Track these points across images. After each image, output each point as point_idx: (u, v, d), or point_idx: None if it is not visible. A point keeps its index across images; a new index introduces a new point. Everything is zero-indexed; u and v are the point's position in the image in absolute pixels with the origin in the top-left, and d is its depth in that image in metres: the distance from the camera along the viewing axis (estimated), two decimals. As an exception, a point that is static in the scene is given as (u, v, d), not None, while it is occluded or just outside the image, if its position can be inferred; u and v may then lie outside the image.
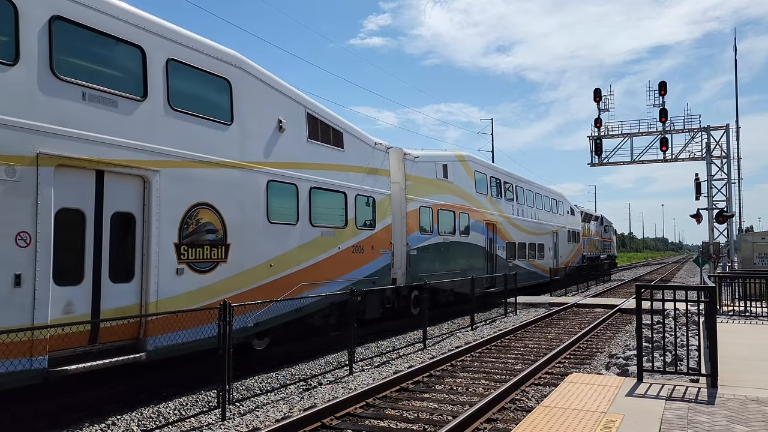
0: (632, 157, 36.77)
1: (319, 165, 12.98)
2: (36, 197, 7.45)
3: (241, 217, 10.68)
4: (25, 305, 7.28)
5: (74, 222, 8.05)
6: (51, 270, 7.58)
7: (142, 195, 8.96)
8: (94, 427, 7.78)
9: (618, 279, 45.29)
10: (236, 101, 10.72)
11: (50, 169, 7.61)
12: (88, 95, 8.18)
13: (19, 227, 7.30)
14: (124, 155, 8.59)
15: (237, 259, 10.57)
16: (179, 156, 9.51)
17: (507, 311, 21.13)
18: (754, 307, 15.67)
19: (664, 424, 6.01)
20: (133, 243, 8.85)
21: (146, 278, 8.92)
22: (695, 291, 8.68)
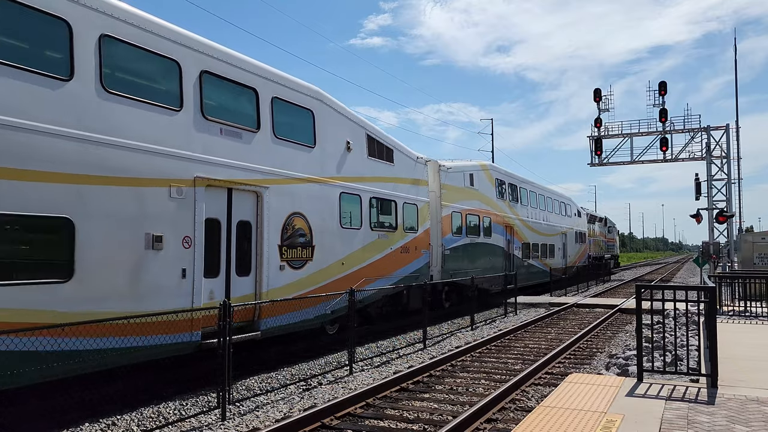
0: (632, 157, 36.76)
1: (376, 178, 15.28)
2: (194, 210, 9.82)
3: (322, 223, 12.98)
4: (188, 293, 9.62)
5: (214, 228, 10.31)
6: (202, 266, 9.88)
7: (256, 207, 11.29)
8: (94, 427, 7.78)
9: (618, 279, 45.29)
10: (317, 128, 13.06)
11: (202, 189, 9.97)
12: (224, 130, 10.53)
13: (185, 233, 9.63)
14: (245, 176, 10.88)
15: (319, 258, 12.92)
16: (281, 175, 11.85)
17: (507, 311, 21.13)
18: (754, 307, 15.67)
19: (664, 424, 6.01)
20: (250, 245, 11.10)
21: (259, 273, 11.20)
22: (695, 291, 8.69)
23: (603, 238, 50.13)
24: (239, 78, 10.94)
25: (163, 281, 9.22)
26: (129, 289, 8.71)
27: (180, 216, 9.54)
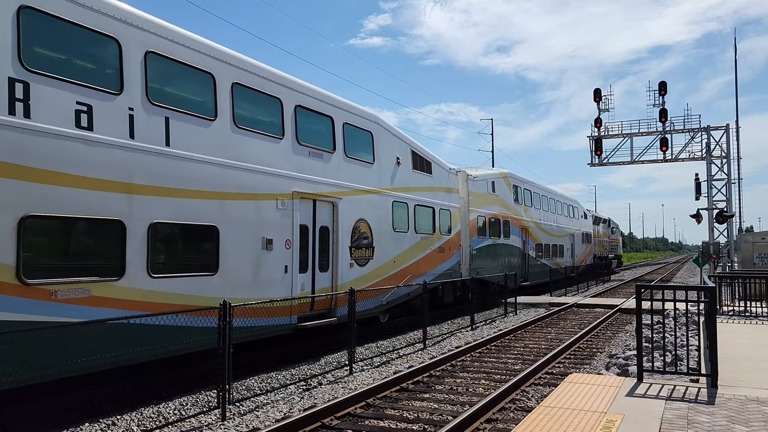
0: (632, 157, 36.76)
1: (418, 188, 17.56)
2: (292, 218, 12.09)
3: (380, 227, 15.29)
4: (288, 285, 11.92)
5: (304, 233, 12.59)
6: (298, 263, 12.19)
7: (332, 214, 13.53)
8: (94, 426, 7.78)
9: (618, 279, 45.29)
10: (376, 147, 15.34)
11: (297, 201, 12.24)
12: (311, 153, 12.75)
13: (286, 236, 11.91)
14: (325, 189, 13.15)
15: (378, 257, 15.26)
16: (350, 188, 14.11)
17: (507, 311, 21.13)
18: (754, 307, 15.66)
19: (664, 424, 6.01)
20: (328, 246, 13.34)
21: (335, 269, 13.48)
22: (695, 291, 8.68)
23: (607, 239, 52.31)
24: (320, 109, 13.30)
25: (273, 275, 11.56)
26: (252, 282, 11.04)
27: (283, 223, 11.89)
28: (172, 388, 9.90)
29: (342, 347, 13.39)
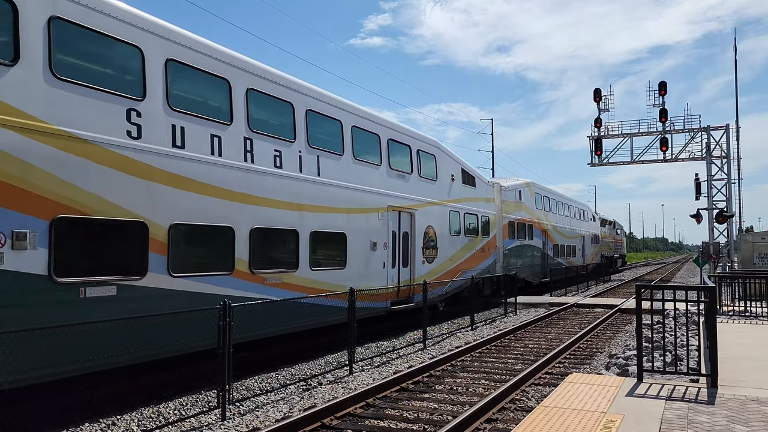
0: (632, 157, 36.74)
1: (466, 198, 21.33)
2: (387, 226, 15.78)
3: (441, 232, 18.95)
4: (385, 277, 15.54)
5: (393, 237, 16.08)
6: (391, 260, 15.85)
7: (411, 222, 17.11)
8: (94, 426, 7.78)
9: (618, 279, 45.29)
10: (438, 167, 19.01)
11: (390, 212, 15.90)
12: (397, 175, 16.39)
13: (384, 240, 15.58)
14: (406, 203, 16.78)
15: (440, 256, 18.90)
16: (422, 201, 17.73)
17: (507, 311, 21.12)
18: (754, 307, 15.66)
19: (664, 424, 6.01)
20: (407, 247, 16.85)
21: (413, 265, 17.04)
22: (695, 291, 8.68)
23: (612, 240, 56.33)
24: (402, 140, 16.97)
25: (377, 270, 15.27)
26: (365, 274, 14.70)
27: (382, 229, 15.54)
28: (172, 388, 9.90)
29: (342, 347, 13.38)
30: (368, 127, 15.20)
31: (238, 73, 10.93)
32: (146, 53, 9.26)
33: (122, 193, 8.65)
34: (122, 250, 8.69)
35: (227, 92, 10.72)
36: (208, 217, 10.25)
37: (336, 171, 13.69)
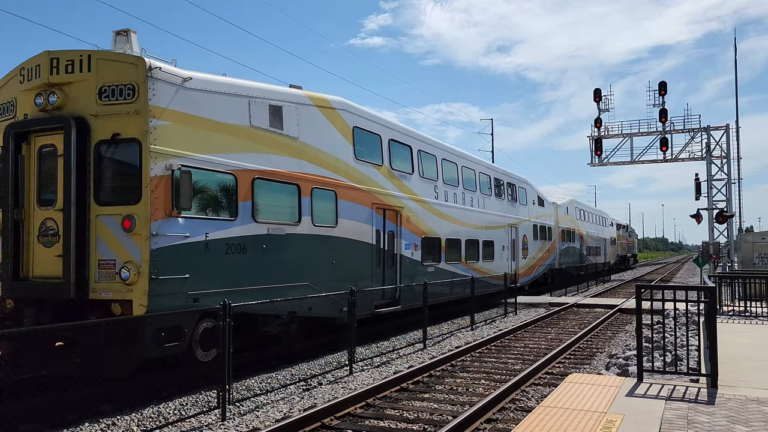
0: (632, 157, 36.74)
1: (540, 215, 30.39)
2: (510, 235, 25.04)
3: (529, 238, 27.67)
4: (508, 267, 24.17)
5: (511, 242, 25.29)
6: (512, 256, 25.12)
7: (517, 233, 25.79)
8: (94, 427, 7.78)
9: (618, 279, 45.31)
10: (527, 195, 27.92)
11: (509, 228, 24.87)
12: (510, 203, 25.40)
13: (506, 244, 24.38)
14: (515, 221, 25.69)
15: (529, 255, 27.85)
16: (521, 219, 26.65)
17: (507, 311, 21.13)
18: (754, 307, 15.66)
19: (664, 424, 6.01)
20: (516, 248, 25.42)
21: (518, 259, 26.02)
22: (695, 291, 8.68)
23: (626, 241, 67.62)
24: (512, 181, 26.06)
25: (505, 262, 24.01)
26: (501, 264, 23.50)
27: (506, 238, 24.34)
28: (172, 388, 9.90)
29: (342, 347, 13.38)
30: (499, 177, 24.74)
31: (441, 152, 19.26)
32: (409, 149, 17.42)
33: (434, 223, 18.15)
34: (437, 250, 18.39)
35: (434, 162, 18.63)
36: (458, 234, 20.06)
37: (488, 204, 22.93)
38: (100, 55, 9.55)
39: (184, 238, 9.47)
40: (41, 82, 9.68)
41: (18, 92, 10.13)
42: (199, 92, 10.05)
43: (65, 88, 9.60)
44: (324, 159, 13.06)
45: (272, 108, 11.59)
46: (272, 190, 11.52)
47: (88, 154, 9.37)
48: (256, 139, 11.18)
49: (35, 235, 9.66)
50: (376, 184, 15.05)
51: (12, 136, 9.77)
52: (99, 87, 9.37)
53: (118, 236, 9.15)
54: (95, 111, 9.39)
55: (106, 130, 9.30)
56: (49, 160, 9.68)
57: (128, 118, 9.17)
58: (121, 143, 9.27)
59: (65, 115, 9.44)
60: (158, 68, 9.33)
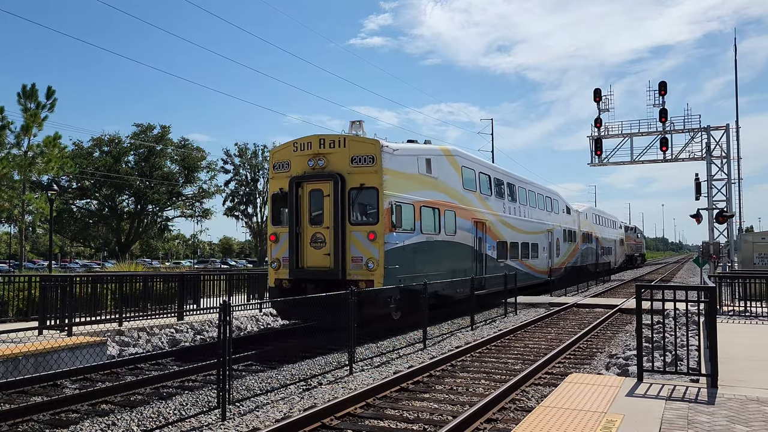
0: (632, 157, 36.77)
1: (567, 221, 34.91)
2: (547, 238, 30.31)
3: (561, 241, 33.12)
4: (547, 263, 30.20)
5: (548, 244, 31.07)
6: (548, 255, 30.34)
7: (552, 235, 31.71)
8: (94, 427, 7.77)
9: (618, 279, 45.31)
10: (559, 206, 33.58)
11: (546, 232, 30.60)
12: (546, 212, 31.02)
13: (545, 246, 30.13)
14: (550, 227, 31.34)
15: (560, 254, 33.11)
16: (554, 225, 32.06)
17: (507, 311, 21.12)
18: (754, 307, 15.66)
19: (664, 424, 6.00)
20: (551, 248, 31.12)
21: (552, 258, 31.14)
22: (695, 291, 8.68)
23: (634, 242, 73.69)
24: (547, 194, 31.14)
25: (543, 260, 29.26)
26: (542, 262, 29.12)
27: (545, 241, 29.68)
28: (172, 388, 9.90)
29: (342, 347, 13.38)
30: (541, 191, 30.04)
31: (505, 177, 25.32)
32: (489, 177, 23.27)
33: (503, 231, 23.74)
34: (504, 251, 23.68)
35: (502, 185, 24.26)
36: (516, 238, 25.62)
37: (534, 214, 28.11)
38: (351, 138, 15.91)
39: (396, 244, 15.74)
40: (312, 152, 15.99)
41: (291, 156, 16.39)
42: (399, 156, 16.34)
43: (328, 156, 15.81)
44: (448, 189, 19.26)
45: (426, 160, 17.95)
46: (427, 213, 17.63)
47: (345, 195, 15.49)
48: (420, 181, 17.46)
49: (308, 242, 15.89)
50: (473, 204, 21.27)
51: (293, 183, 15.98)
52: (351, 156, 15.57)
53: (364, 243, 15.31)
54: (348, 170, 15.56)
55: (356, 181, 15.52)
56: (316, 197, 15.87)
57: (370, 175, 15.39)
58: (365, 189, 15.44)
59: (330, 172, 15.61)
60: (386, 146, 15.68)
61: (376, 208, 15.37)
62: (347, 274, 15.29)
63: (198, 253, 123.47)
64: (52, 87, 33.69)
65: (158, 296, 17.15)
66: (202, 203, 76.78)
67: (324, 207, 15.73)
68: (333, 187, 15.49)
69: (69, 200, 68.32)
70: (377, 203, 15.32)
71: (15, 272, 40.79)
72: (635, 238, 75.49)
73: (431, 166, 18.16)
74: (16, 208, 33.78)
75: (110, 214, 71.14)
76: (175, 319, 16.42)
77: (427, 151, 18.35)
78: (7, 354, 10.18)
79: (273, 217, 17.14)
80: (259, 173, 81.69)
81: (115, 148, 69.95)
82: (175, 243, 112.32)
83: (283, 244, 16.35)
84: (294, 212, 15.98)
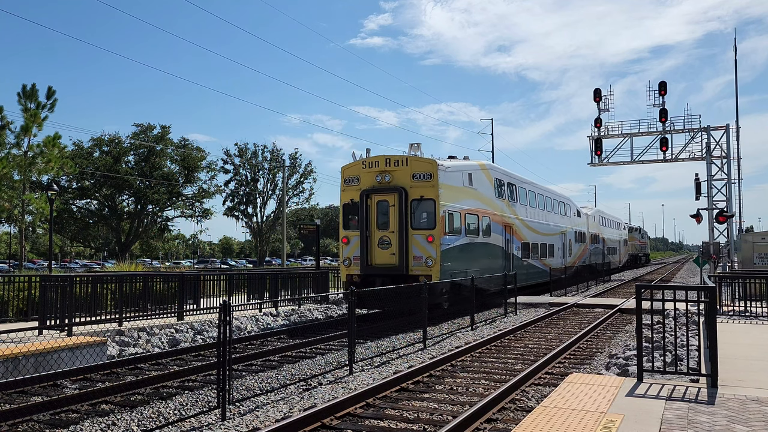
0: (632, 157, 36.74)
1: (578, 224, 38.62)
2: (561, 240, 34.04)
3: (572, 242, 36.82)
4: (563, 260, 34.02)
5: (561, 244, 34.52)
6: (562, 254, 33.97)
7: (566, 237, 35.44)
8: (94, 427, 7.77)
9: (618, 279, 45.32)
10: (570, 210, 37.18)
11: (560, 234, 33.95)
12: (560, 216, 34.46)
13: (560, 246, 33.94)
14: (564, 229, 34.75)
15: (572, 254, 36.52)
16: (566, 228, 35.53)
17: (507, 311, 21.12)
18: (754, 307, 15.66)
19: (664, 424, 6.00)
20: (566, 247, 35.05)
21: (566, 256, 34.73)
22: (695, 291, 8.67)
23: (638, 243, 78.45)
24: (561, 199, 35.09)
25: (560, 258, 33.12)
26: (558, 260, 32.56)
27: (559, 242, 33.32)
28: (172, 388, 9.90)
29: (342, 347, 13.38)
30: (556, 197, 33.38)
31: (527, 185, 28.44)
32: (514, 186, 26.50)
33: (526, 233, 27.16)
34: (527, 251, 26.97)
35: (525, 192, 27.38)
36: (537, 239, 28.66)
37: (550, 218, 31.42)
38: (412, 158, 19.37)
39: (448, 245, 19.26)
40: (380, 170, 19.50)
41: (360, 173, 19.85)
42: (450, 172, 19.93)
43: (393, 173, 19.34)
44: (484, 198, 22.80)
45: (468, 174, 21.60)
46: (470, 218, 21.13)
47: (407, 205, 18.96)
48: (464, 192, 20.95)
49: (376, 243, 19.38)
50: (503, 210, 24.73)
51: (363, 195, 19.54)
52: (412, 173, 19.08)
53: (423, 245, 18.74)
54: (410, 185, 19.08)
55: (416, 194, 18.99)
56: (383, 207, 19.41)
57: (428, 188, 18.89)
58: (424, 200, 18.93)
59: (395, 186, 19.15)
60: (441, 164, 19.28)
61: (433, 216, 18.87)
62: (410, 270, 18.78)
63: (198, 253, 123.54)
64: (52, 87, 33.68)
65: (158, 296, 17.15)
66: (202, 203, 76.64)
67: (389, 215, 19.29)
68: (398, 198, 19.04)
69: (69, 200, 68.24)
70: (434, 212, 18.86)
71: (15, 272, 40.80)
72: (639, 238, 79.58)
73: (472, 179, 21.77)
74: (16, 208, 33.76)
75: (110, 214, 71.08)
76: (175, 319, 16.42)
77: (469, 166, 21.96)
78: (7, 354, 10.18)
79: (344, 223, 20.27)
80: (259, 173, 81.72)
81: (115, 148, 69.88)
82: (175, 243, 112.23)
83: (353, 246, 19.73)
84: (364, 219, 19.46)
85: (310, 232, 29.98)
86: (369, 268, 19.27)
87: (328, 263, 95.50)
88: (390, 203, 19.15)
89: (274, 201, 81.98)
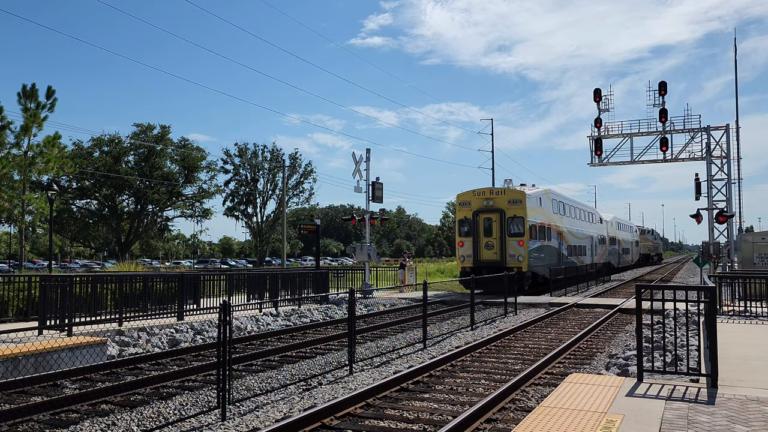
0: (632, 157, 36.67)
1: (600, 229, 48.46)
2: (591, 242, 44.65)
3: (597, 244, 47.57)
4: (592, 258, 44.47)
5: (591, 246, 44.36)
6: (590, 252, 44.31)
7: (594, 240, 45.83)
8: (94, 427, 7.78)
9: (618, 279, 45.34)
10: (595, 217, 47.62)
11: (592, 238, 45.78)
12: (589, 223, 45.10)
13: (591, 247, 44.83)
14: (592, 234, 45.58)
15: (597, 253, 46.59)
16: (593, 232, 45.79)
17: (507, 311, 21.12)
18: (754, 307, 15.66)
19: (664, 424, 6.01)
20: (590, 249, 44.58)
21: (594, 254, 44.73)
22: (695, 291, 8.67)
23: (651, 243, 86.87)
24: (589, 210, 46.07)
25: (589, 258, 42.30)
26: (590, 258, 42.39)
27: (590, 243, 43.47)
28: (172, 388, 9.90)
29: (342, 347, 13.38)
30: (586, 208, 42.31)
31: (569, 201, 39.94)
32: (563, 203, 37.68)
33: (569, 238, 37.77)
34: (569, 252, 37.49)
35: (569, 207, 38.60)
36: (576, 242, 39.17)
37: (584, 226, 40.72)
38: (508, 189, 30.68)
39: (531, 247, 29.37)
40: (486, 197, 30.12)
41: (471, 198, 30.44)
42: (531, 197, 30.32)
43: (495, 198, 29.90)
44: (547, 214, 32.97)
45: (540, 198, 31.71)
46: (541, 228, 30.83)
47: (505, 221, 29.31)
48: (538, 211, 31.02)
49: (483, 246, 29.71)
50: (557, 222, 34.70)
51: (475, 214, 30.02)
52: (508, 199, 29.61)
53: (516, 247, 28.99)
54: (506, 207, 29.48)
55: (511, 213, 29.39)
56: (488, 221, 29.78)
57: (519, 210, 29.29)
58: (516, 218, 29.19)
59: (497, 208, 29.60)
60: (527, 193, 30.01)
61: (522, 228, 29.03)
62: (507, 263, 28.56)
63: (198, 253, 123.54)
64: (52, 87, 33.69)
65: (158, 296, 17.15)
66: (202, 203, 76.68)
67: (492, 227, 29.58)
68: (499, 216, 29.42)
69: (69, 200, 68.28)
70: (523, 225, 29.04)
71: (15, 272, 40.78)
72: (652, 240, 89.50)
73: (541, 201, 32.16)
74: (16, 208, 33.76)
75: (110, 214, 71.09)
76: (175, 319, 16.43)
77: (540, 192, 32.51)
78: (7, 354, 10.19)
79: (459, 232, 30.69)
80: (259, 173, 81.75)
81: (115, 148, 69.91)
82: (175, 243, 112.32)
83: (466, 247, 30.03)
84: (474, 229, 29.87)
85: (310, 232, 30.03)
86: (478, 263, 29.31)
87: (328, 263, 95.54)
88: (493, 219, 29.62)
89: (274, 201, 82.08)
